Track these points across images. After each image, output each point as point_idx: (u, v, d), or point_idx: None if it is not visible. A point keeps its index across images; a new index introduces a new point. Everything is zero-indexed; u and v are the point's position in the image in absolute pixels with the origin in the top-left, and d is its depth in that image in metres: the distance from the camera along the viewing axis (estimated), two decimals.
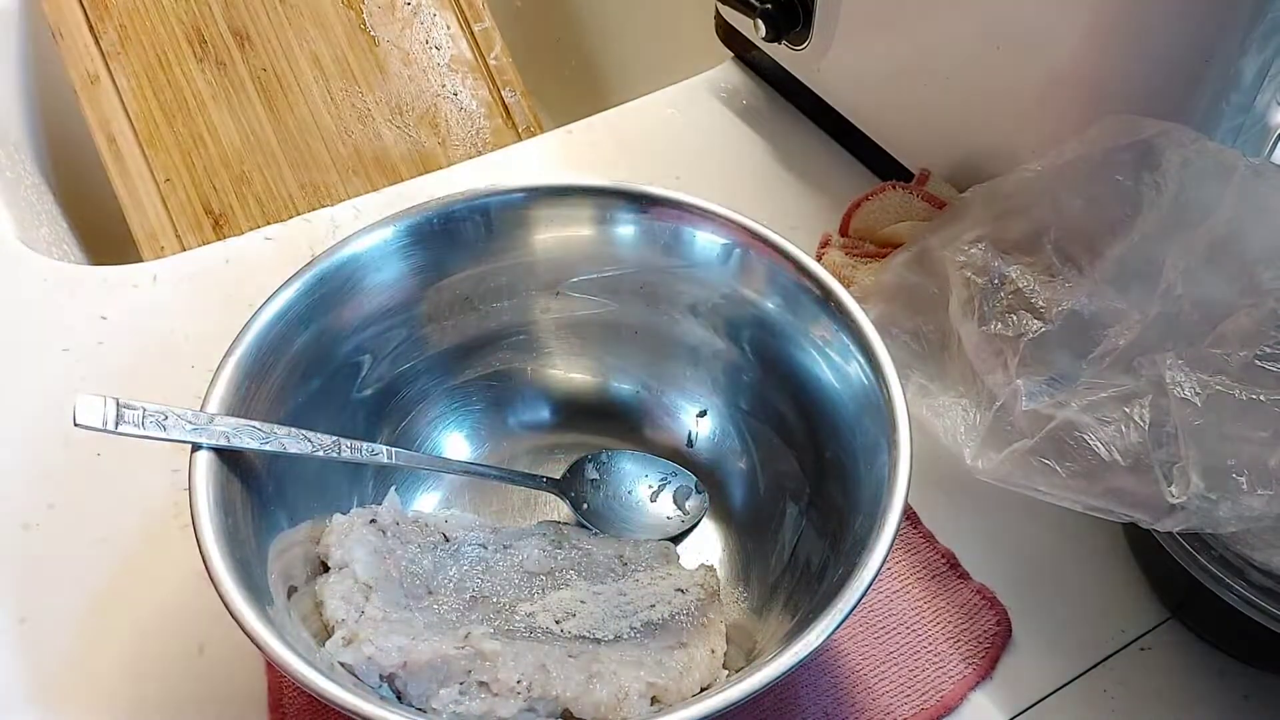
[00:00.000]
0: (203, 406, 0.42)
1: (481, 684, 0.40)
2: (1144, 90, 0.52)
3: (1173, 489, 0.41)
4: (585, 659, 0.42)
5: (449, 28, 0.82)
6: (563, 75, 1.05)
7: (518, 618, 0.44)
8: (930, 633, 0.48)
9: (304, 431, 0.43)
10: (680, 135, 0.71)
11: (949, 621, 0.48)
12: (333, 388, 0.48)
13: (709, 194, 0.49)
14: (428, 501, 0.52)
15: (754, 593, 0.48)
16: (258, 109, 0.78)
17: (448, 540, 0.47)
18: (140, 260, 0.73)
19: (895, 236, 0.61)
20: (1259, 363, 0.43)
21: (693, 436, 0.53)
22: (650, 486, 0.52)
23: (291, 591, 0.41)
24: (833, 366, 0.46)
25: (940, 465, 0.51)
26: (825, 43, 0.65)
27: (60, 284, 0.62)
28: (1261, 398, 0.41)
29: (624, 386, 0.54)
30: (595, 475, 0.52)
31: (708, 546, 0.51)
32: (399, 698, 0.40)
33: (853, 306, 0.45)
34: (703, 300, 0.50)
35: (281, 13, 0.80)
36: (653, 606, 0.46)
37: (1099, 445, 0.43)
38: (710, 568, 0.48)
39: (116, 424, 0.39)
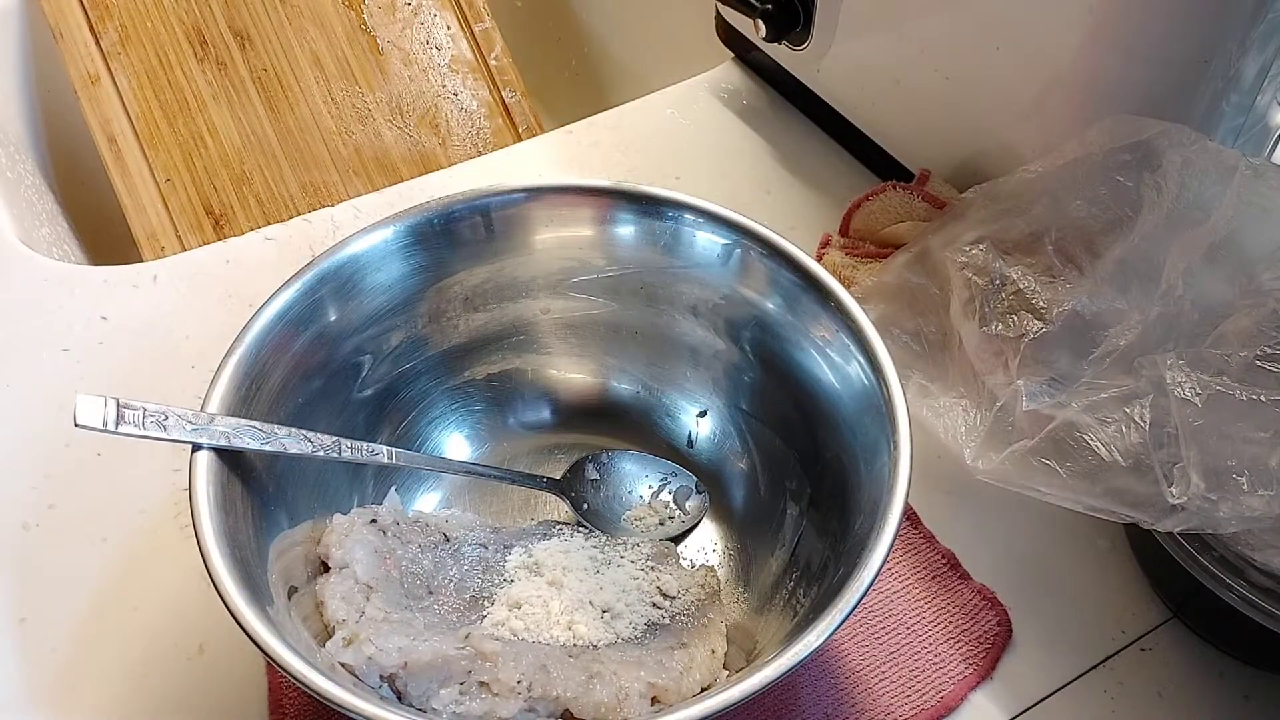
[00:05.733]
0: (203, 406, 0.41)
1: (482, 684, 0.40)
2: (1144, 91, 0.52)
3: (1173, 489, 0.41)
4: (585, 659, 0.42)
5: (449, 28, 0.82)
6: (563, 75, 1.05)
7: None
8: (930, 633, 0.48)
9: (304, 432, 0.43)
10: (680, 135, 0.71)
11: (949, 622, 0.48)
12: (333, 388, 0.48)
13: (709, 194, 0.49)
14: (428, 501, 0.52)
15: (754, 593, 0.48)
16: (258, 109, 0.78)
17: (448, 540, 0.47)
18: (140, 260, 0.73)
19: (896, 237, 0.61)
20: (1259, 363, 0.43)
21: (693, 437, 0.53)
22: (650, 487, 0.52)
23: (292, 592, 0.41)
24: (833, 367, 0.46)
25: (941, 465, 0.51)
26: (825, 43, 0.65)
27: (60, 284, 0.62)
28: (1262, 398, 0.41)
29: (624, 387, 0.54)
30: (595, 475, 0.52)
31: (708, 547, 0.51)
32: (399, 698, 0.40)
33: (853, 307, 0.45)
34: (703, 300, 0.50)
35: (282, 13, 0.79)
36: (653, 606, 0.46)
37: (1099, 445, 0.43)
38: (710, 568, 0.48)
39: (117, 424, 0.39)
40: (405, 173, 0.80)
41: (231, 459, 0.41)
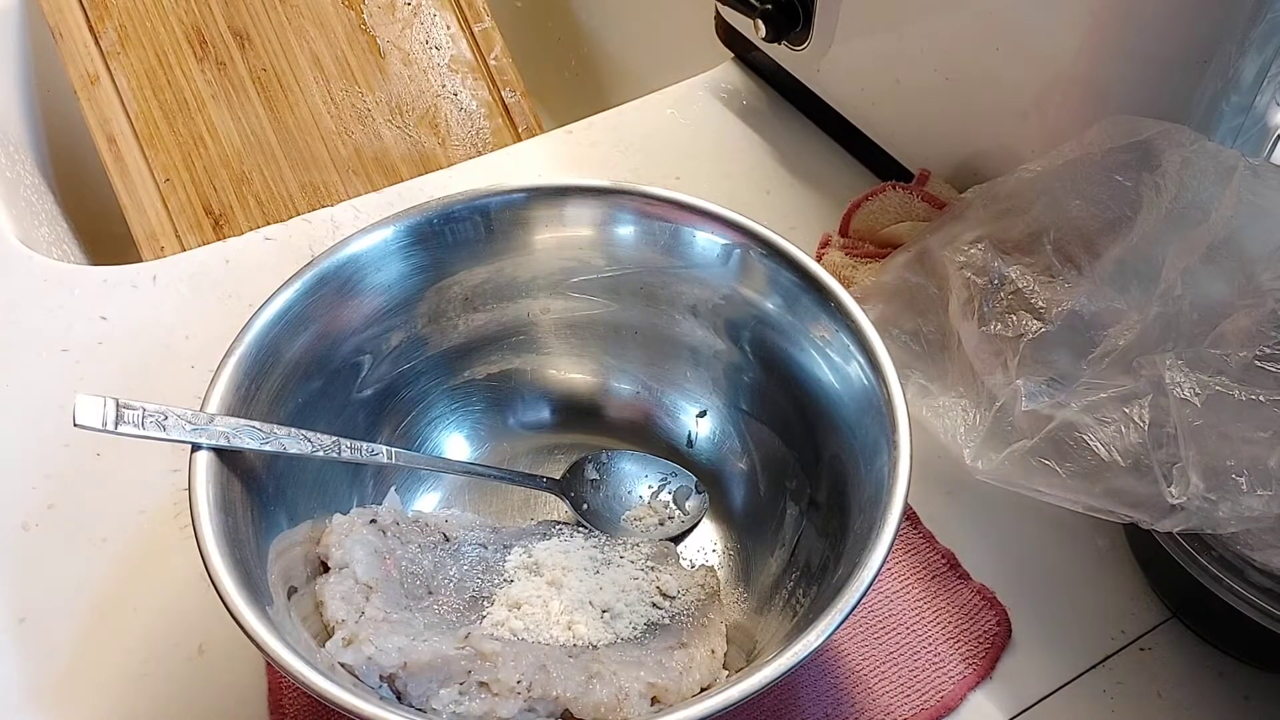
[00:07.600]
0: (203, 406, 0.42)
1: (481, 684, 0.40)
2: (1143, 90, 0.52)
3: (1172, 489, 0.41)
4: (585, 659, 0.42)
5: (449, 28, 0.82)
6: (563, 75, 1.05)
7: None
8: (930, 633, 0.48)
9: (304, 432, 0.43)
10: (680, 135, 0.72)
11: (949, 622, 0.48)
12: (333, 388, 0.48)
13: (709, 194, 0.49)
14: (428, 501, 0.52)
15: (754, 593, 0.48)
16: (258, 109, 0.78)
17: (448, 540, 0.47)
18: (140, 260, 0.73)
19: (895, 237, 0.61)
20: (1259, 363, 0.43)
21: (693, 437, 0.53)
22: (650, 487, 0.52)
23: (292, 592, 0.41)
24: (833, 367, 0.46)
25: (940, 465, 0.51)
26: (825, 43, 0.65)
27: (60, 284, 0.62)
28: (1261, 398, 0.41)
29: (624, 386, 0.54)
30: (595, 475, 0.52)
31: (708, 547, 0.51)
32: (399, 698, 0.40)
33: (853, 307, 0.45)
34: (703, 301, 0.50)
35: (282, 13, 0.79)
36: (653, 606, 0.46)
37: (1099, 445, 0.43)
38: (710, 568, 0.48)
39: (116, 424, 0.39)
40: (405, 173, 0.80)
41: (231, 459, 0.41)
